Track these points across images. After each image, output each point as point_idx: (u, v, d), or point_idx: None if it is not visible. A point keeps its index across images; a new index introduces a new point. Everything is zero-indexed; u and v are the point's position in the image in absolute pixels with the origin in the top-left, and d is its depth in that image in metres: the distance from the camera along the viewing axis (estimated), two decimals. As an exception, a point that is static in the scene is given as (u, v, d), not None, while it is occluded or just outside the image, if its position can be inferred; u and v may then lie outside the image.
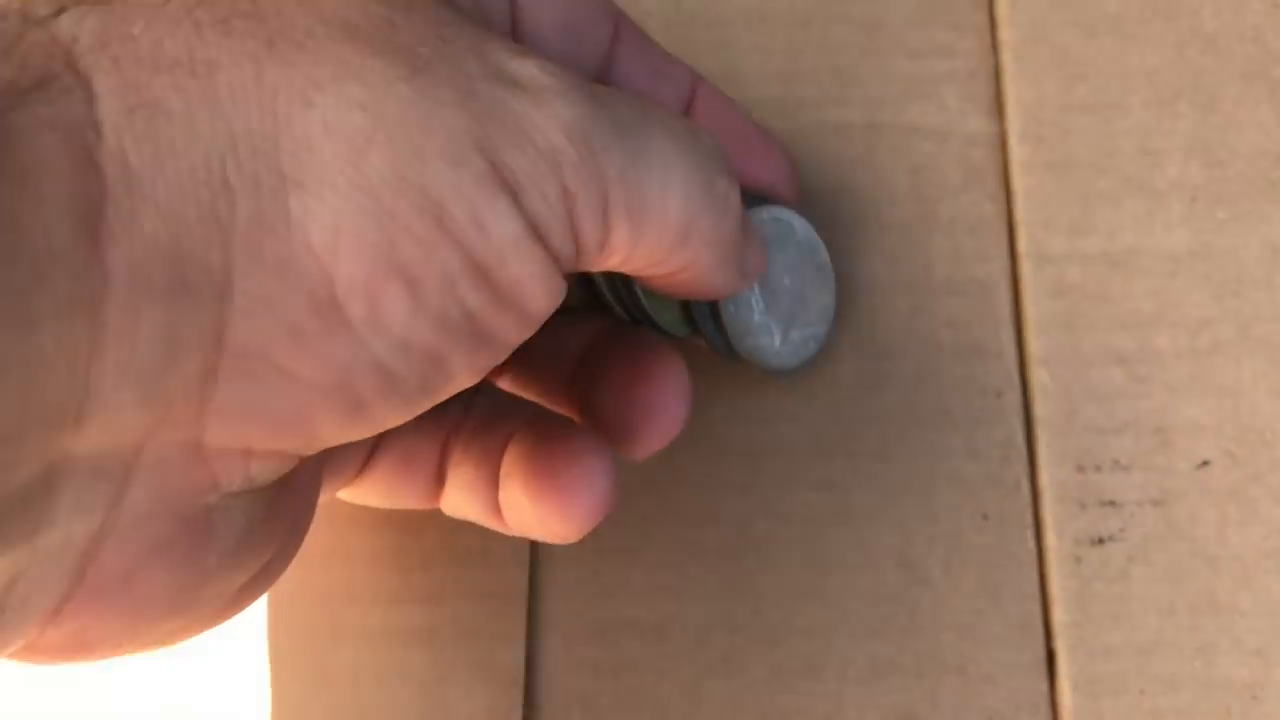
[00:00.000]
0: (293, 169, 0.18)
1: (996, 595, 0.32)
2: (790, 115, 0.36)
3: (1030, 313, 0.34)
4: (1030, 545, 0.32)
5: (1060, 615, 0.32)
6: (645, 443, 0.28)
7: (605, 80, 0.28)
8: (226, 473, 0.20)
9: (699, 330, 0.31)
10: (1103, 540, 0.32)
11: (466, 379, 0.21)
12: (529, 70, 0.21)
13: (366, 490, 0.29)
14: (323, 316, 0.19)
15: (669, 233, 0.23)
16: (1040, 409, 0.33)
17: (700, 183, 0.23)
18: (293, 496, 0.23)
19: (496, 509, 0.28)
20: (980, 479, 0.33)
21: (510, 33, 0.25)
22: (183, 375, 0.18)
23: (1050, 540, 0.32)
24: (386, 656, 0.31)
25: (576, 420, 0.29)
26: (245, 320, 0.18)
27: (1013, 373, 0.34)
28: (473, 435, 0.29)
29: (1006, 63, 0.36)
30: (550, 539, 0.27)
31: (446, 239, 0.19)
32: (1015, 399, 0.33)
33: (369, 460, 0.29)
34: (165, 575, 0.20)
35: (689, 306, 0.30)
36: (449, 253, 0.19)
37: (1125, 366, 0.33)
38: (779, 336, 0.32)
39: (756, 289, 0.31)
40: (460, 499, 0.29)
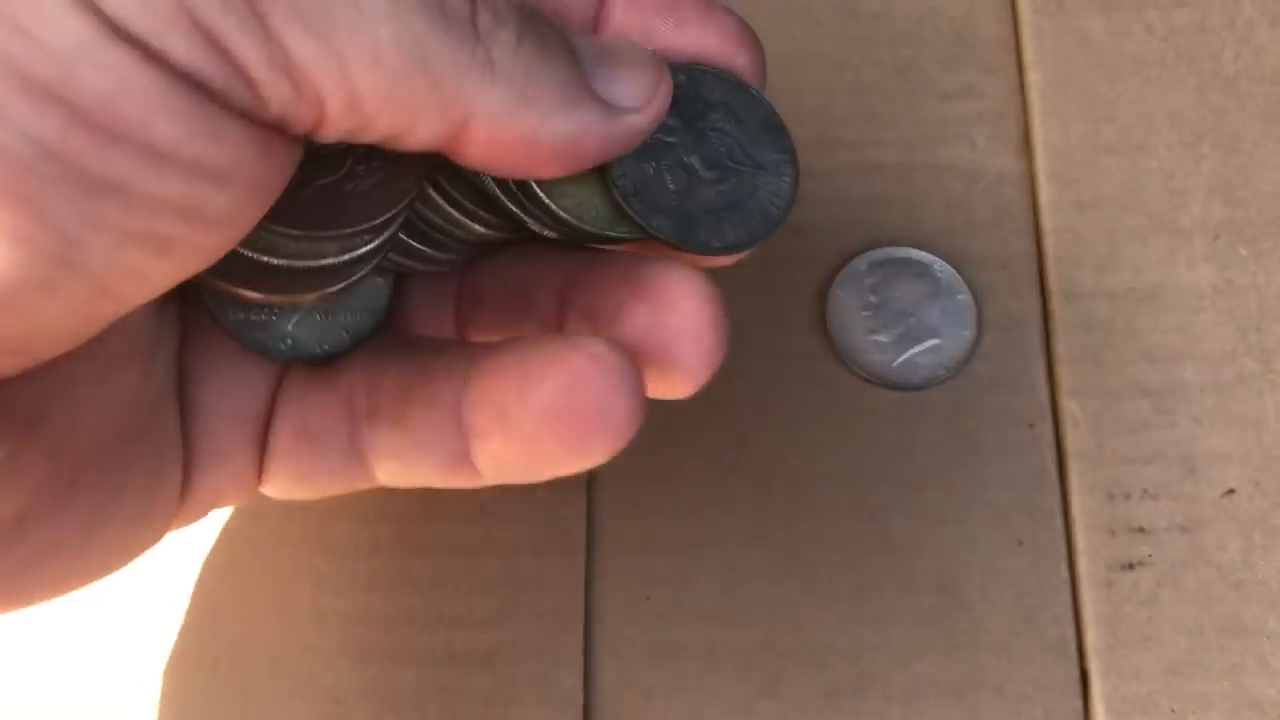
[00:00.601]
0: None
1: (1032, 618, 0.33)
2: (826, 155, 0.38)
3: (1061, 347, 0.35)
4: (1063, 570, 0.34)
5: (1093, 637, 0.33)
6: (689, 369, 0.23)
7: None
8: None
9: (639, 222, 0.25)
10: (1133, 565, 0.33)
11: (147, 259, 0.18)
12: None
13: (280, 481, 0.26)
14: None
15: (387, 62, 0.19)
16: (1071, 439, 0.35)
17: None
18: (38, 433, 0.20)
19: (460, 461, 0.24)
20: (1015, 507, 0.34)
21: None
22: None
23: (1082, 565, 0.33)
24: (449, 678, 0.32)
25: None
26: None
27: (1044, 404, 0.35)
28: (404, 382, 0.25)
29: (1034, 104, 0.38)
30: (558, 471, 0.23)
31: None
32: (1047, 430, 0.35)
33: (265, 444, 0.26)
34: None
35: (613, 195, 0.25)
36: None
37: (1152, 399, 0.35)
38: (896, 352, 0.34)
39: (871, 303, 0.32)
40: (407, 459, 0.25)
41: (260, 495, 0.27)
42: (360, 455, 0.25)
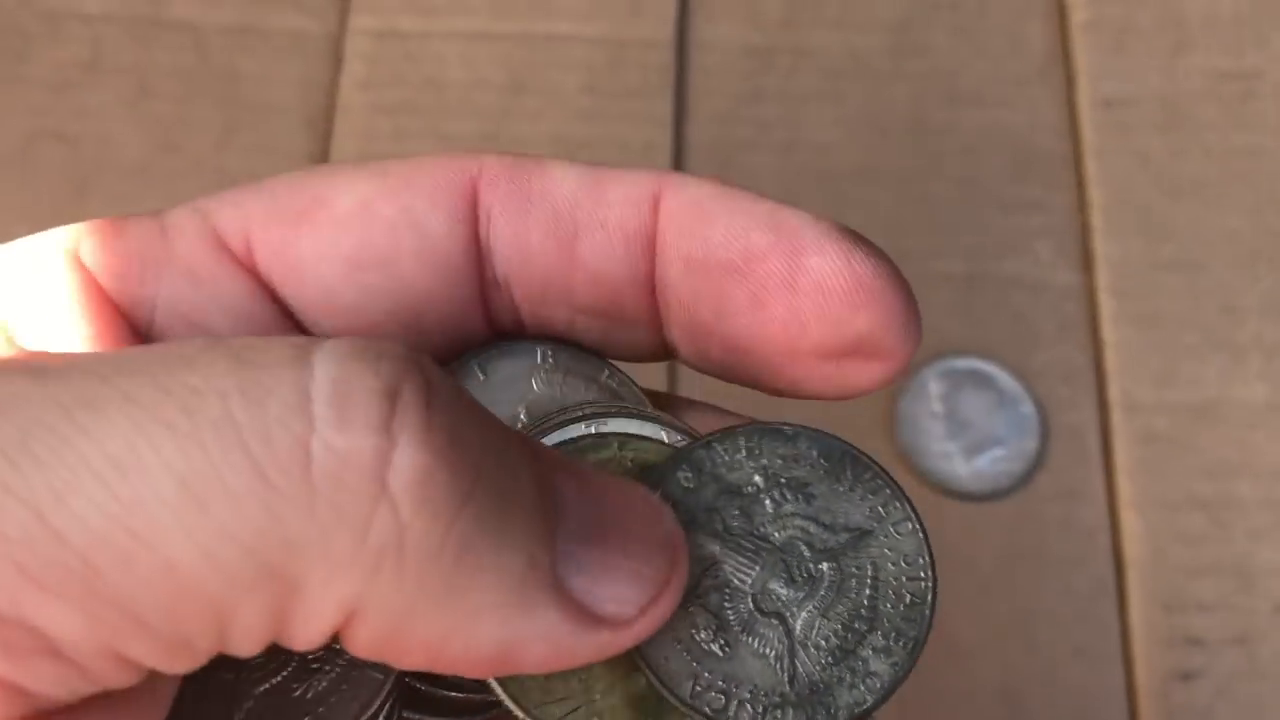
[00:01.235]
0: None
1: (1090, 726, 0.35)
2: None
3: (1120, 459, 0.37)
4: (1121, 679, 0.35)
5: (1150, 746, 0.34)
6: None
7: None
8: None
9: None
10: (1189, 676, 0.35)
11: None
12: None
13: None
14: None
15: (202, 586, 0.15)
16: (1130, 550, 0.36)
17: None
18: None
19: None
20: (1074, 616, 0.36)
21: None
22: None
23: (1140, 675, 0.35)
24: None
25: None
26: None
27: (1104, 515, 0.36)
28: None
29: (1095, 221, 0.39)
30: None
31: None
32: (1106, 540, 0.36)
33: None
34: None
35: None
36: None
37: (1208, 512, 0.36)
38: (963, 461, 0.36)
39: (940, 417, 0.32)
40: None
41: None
42: None
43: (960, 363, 0.38)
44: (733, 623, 0.19)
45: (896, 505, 0.20)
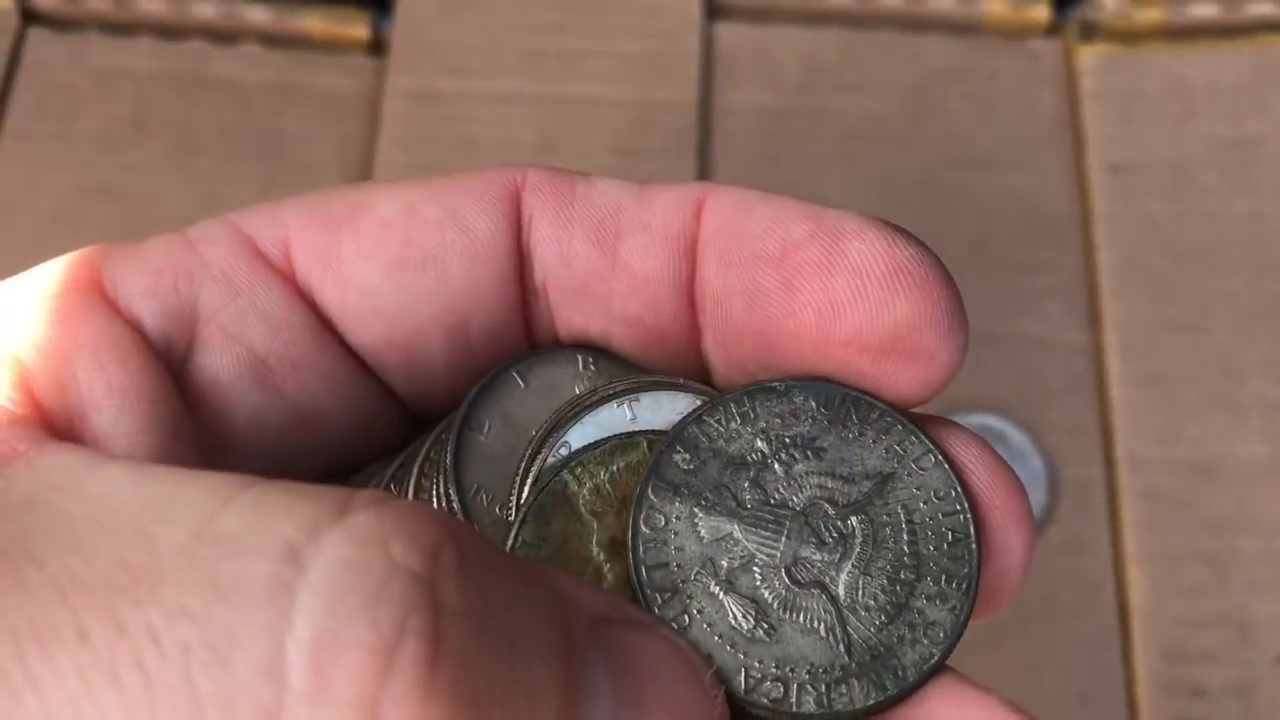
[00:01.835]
0: None
1: (1096, 772, 0.36)
2: (909, 322, 0.41)
3: (1126, 513, 0.38)
4: (1126, 727, 0.36)
5: (1153, 792, 0.36)
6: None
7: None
8: None
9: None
10: (1191, 725, 0.36)
11: None
12: None
13: None
14: None
15: None
16: (1134, 601, 0.37)
17: None
18: None
19: None
20: (1081, 663, 0.37)
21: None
22: None
23: (1144, 723, 0.36)
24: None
25: None
26: None
27: (1109, 567, 0.38)
28: None
29: (1103, 282, 0.41)
30: None
31: None
32: (1111, 592, 0.38)
33: None
34: None
35: None
36: None
37: (1210, 566, 0.38)
38: None
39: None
40: None
41: None
42: None
43: (972, 418, 0.39)
44: (771, 603, 0.17)
45: (913, 440, 0.18)
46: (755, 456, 0.18)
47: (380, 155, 0.42)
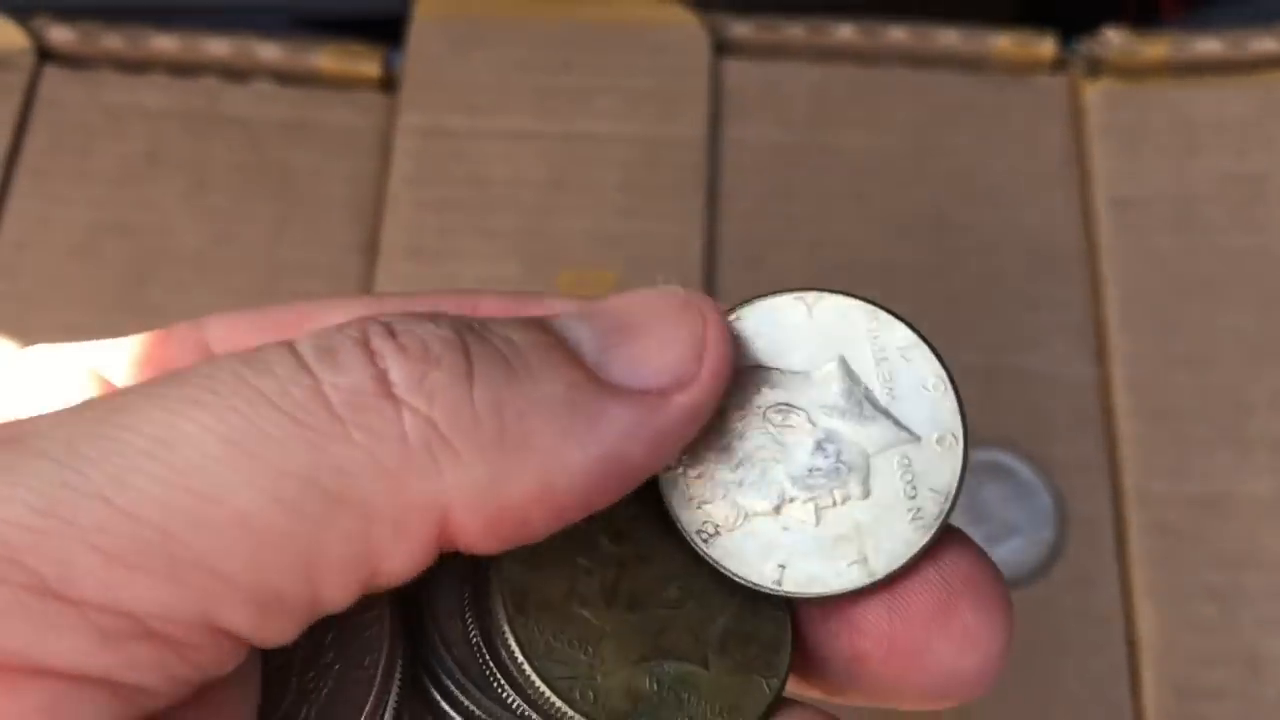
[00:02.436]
0: None
1: (1106, 808, 0.36)
2: (917, 357, 0.41)
3: (1134, 549, 0.38)
4: (1136, 763, 0.36)
5: (1163, 829, 0.36)
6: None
7: None
8: None
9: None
10: (1200, 761, 0.36)
11: None
12: None
13: None
14: None
15: (272, 553, 0.16)
16: (1143, 637, 0.38)
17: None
18: None
19: None
20: (1090, 699, 0.37)
21: None
22: None
23: (1154, 759, 0.36)
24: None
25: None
26: None
27: (1118, 603, 0.38)
28: None
29: (1110, 317, 0.41)
30: None
31: None
32: (1120, 627, 0.38)
33: None
34: None
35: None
36: None
37: (1218, 602, 0.38)
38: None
39: (962, 507, 0.34)
40: None
41: None
42: None
43: (980, 454, 0.40)
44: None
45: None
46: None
47: (391, 191, 0.42)
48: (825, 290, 0.19)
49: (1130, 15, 0.45)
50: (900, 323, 0.19)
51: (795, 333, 0.19)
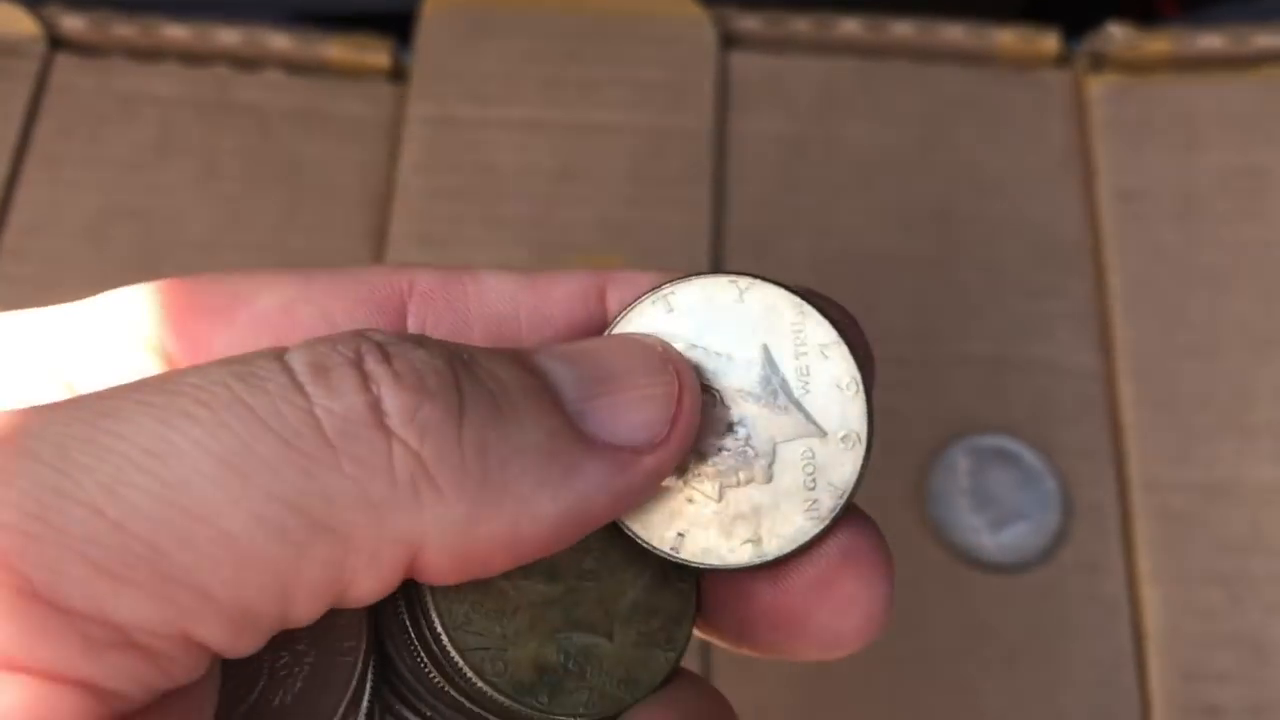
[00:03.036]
0: None
1: (1113, 791, 0.36)
2: (923, 345, 0.41)
3: (1140, 534, 0.39)
4: (1142, 746, 0.37)
5: (1170, 812, 0.36)
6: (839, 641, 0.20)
7: None
8: None
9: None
10: (1207, 744, 0.36)
11: None
12: None
13: None
14: None
15: (258, 562, 0.16)
16: (1149, 622, 0.38)
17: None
18: None
19: None
20: (1097, 683, 0.37)
21: None
22: None
23: (1160, 743, 0.36)
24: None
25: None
26: None
27: (1124, 588, 0.38)
28: None
29: (1114, 307, 0.42)
30: None
31: None
32: (1126, 612, 0.38)
33: None
34: None
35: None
36: None
37: (1224, 587, 0.38)
38: (989, 535, 0.38)
39: (968, 492, 0.35)
40: None
41: None
42: None
43: (987, 440, 0.40)
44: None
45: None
46: None
47: (400, 180, 0.42)
48: (759, 278, 0.20)
49: (1130, 14, 0.45)
50: (825, 320, 0.20)
51: (724, 315, 0.20)
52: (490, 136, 0.43)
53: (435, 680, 0.19)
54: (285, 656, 0.18)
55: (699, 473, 0.19)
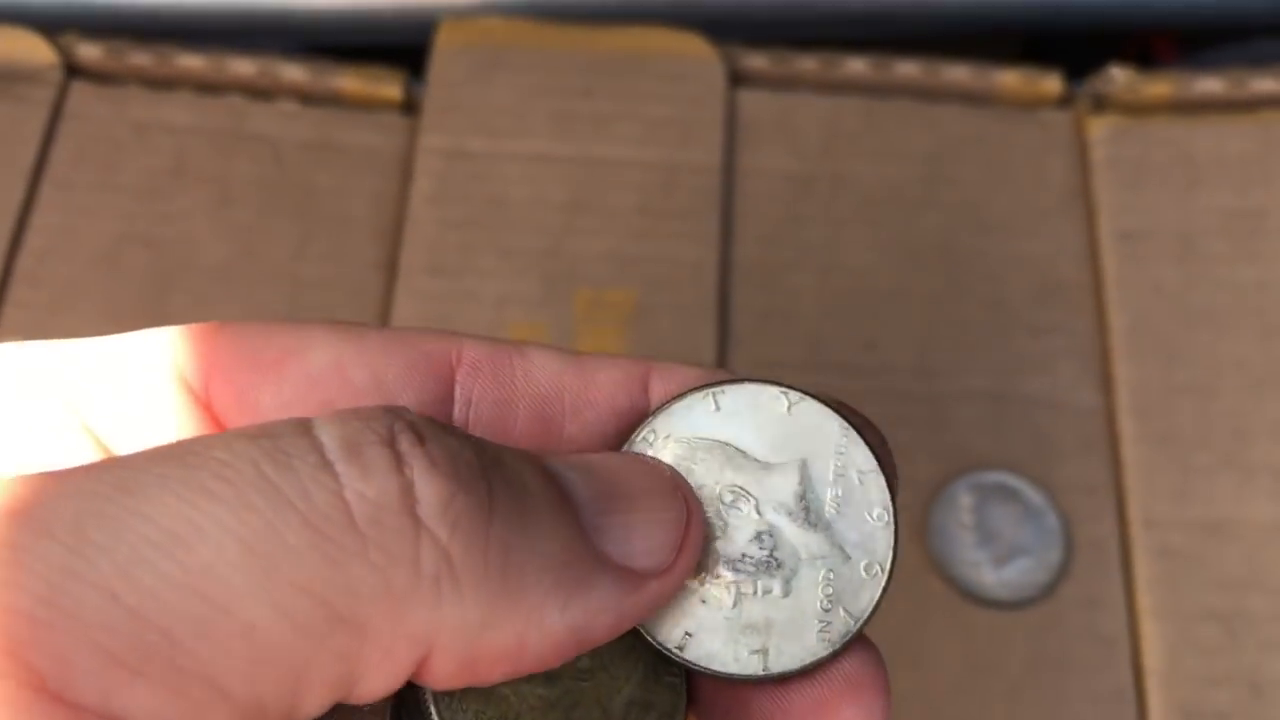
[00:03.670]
0: None
1: (1112, 825, 0.36)
2: (925, 380, 0.42)
3: (1139, 571, 0.39)
4: (1142, 781, 0.37)
5: (1169, 846, 0.36)
6: None
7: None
8: None
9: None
10: (1205, 780, 0.37)
11: None
12: None
13: None
14: None
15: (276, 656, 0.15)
16: (1149, 659, 0.38)
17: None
18: None
19: None
20: (1098, 719, 0.38)
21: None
22: None
23: (1159, 778, 0.37)
24: None
25: None
26: None
27: (1124, 624, 0.39)
28: None
29: (1115, 345, 0.42)
30: None
31: None
32: (1126, 648, 0.38)
33: None
34: None
35: None
36: None
37: (1223, 624, 0.38)
38: (991, 570, 0.38)
39: (970, 527, 0.36)
40: None
41: None
42: None
43: (989, 477, 0.40)
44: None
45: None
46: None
47: (412, 210, 0.43)
48: (810, 394, 0.20)
49: (1127, 59, 0.46)
50: (867, 447, 0.20)
51: (770, 424, 0.20)
52: (501, 169, 0.44)
53: None
54: None
55: (718, 575, 0.19)
